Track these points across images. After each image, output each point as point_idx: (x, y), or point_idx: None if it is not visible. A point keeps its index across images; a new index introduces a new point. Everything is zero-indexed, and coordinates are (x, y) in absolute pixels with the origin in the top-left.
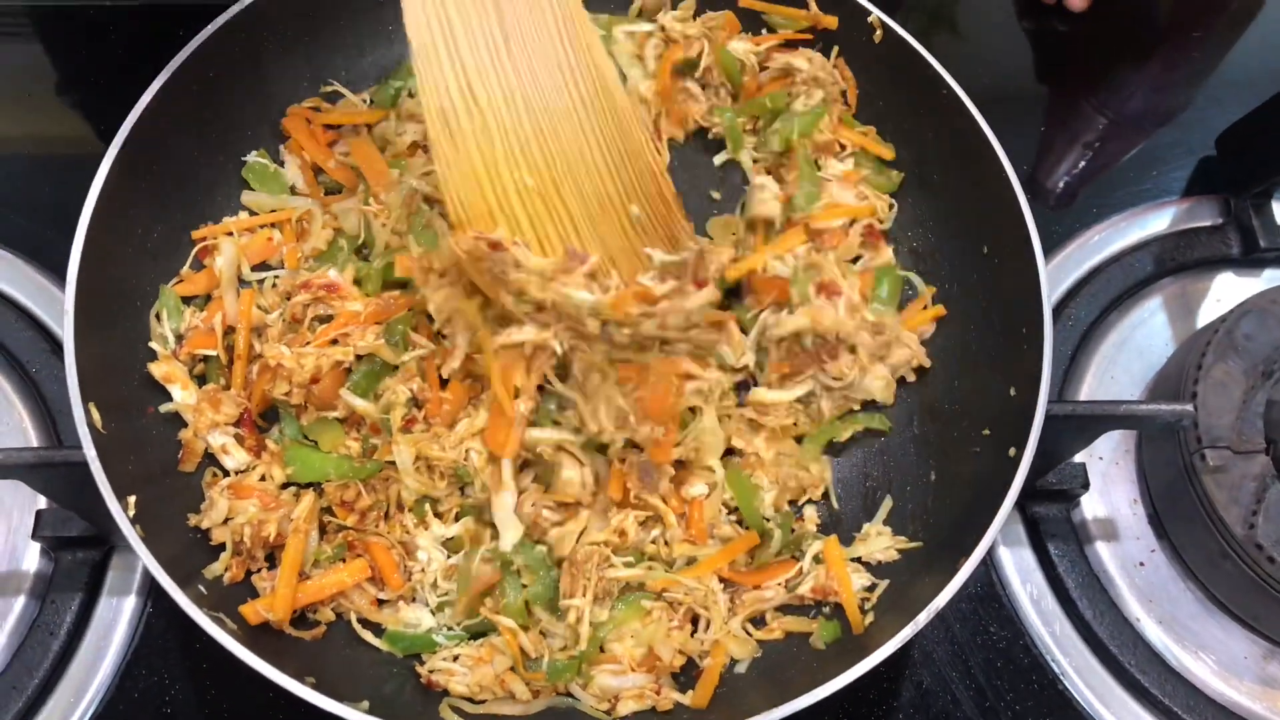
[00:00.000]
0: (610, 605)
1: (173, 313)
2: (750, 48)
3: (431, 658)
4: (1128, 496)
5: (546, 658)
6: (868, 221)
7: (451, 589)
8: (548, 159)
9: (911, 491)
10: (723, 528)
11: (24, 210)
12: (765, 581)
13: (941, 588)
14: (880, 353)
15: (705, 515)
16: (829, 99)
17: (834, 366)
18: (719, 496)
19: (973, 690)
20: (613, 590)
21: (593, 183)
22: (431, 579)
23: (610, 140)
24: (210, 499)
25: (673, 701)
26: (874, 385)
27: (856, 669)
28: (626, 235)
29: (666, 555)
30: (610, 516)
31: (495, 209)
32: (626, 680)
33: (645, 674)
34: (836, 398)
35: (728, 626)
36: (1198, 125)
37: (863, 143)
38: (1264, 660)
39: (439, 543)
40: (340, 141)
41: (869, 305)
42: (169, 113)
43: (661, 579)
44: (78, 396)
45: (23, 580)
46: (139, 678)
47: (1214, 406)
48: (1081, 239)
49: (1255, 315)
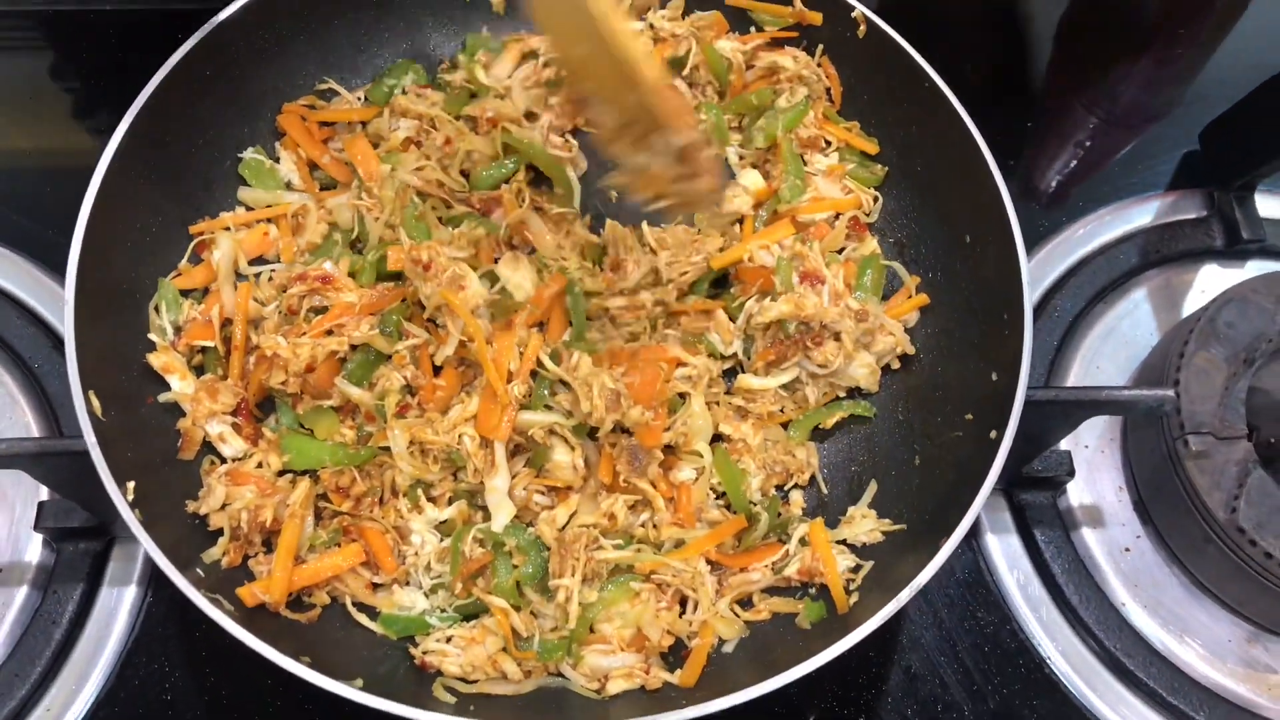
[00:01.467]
0: (599, 587)
1: (171, 305)
2: (737, 46)
3: (425, 639)
4: (1113, 483)
5: (537, 637)
6: (853, 214)
7: (445, 571)
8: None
9: (896, 475)
10: (710, 512)
11: (26, 210)
12: (752, 564)
13: (923, 566)
14: (864, 340)
15: (693, 499)
16: (813, 95)
17: (819, 353)
18: (706, 481)
19: (960, 674)
20: (601, 572)
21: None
22: (425, 562)
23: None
24: (208, 485)
25: (661, 681)
26: (859, 373)
27: (840, 644)
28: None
29: (655, 538)
30: (600, 500)
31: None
32: (616, 660)
33: (634, 654)
34: (822, 385)
35: (715, 608)
36: (1182, 120)
37: (847, 138)
38: (1247, 643)
39: (432, 526)
40: (335, 138)
41: (853, 293)
42: (166, 111)
43: (650, 561)
44: (78, 385)
45: (25, 571)
46: (139, 666)
47: (1196, 393)
48: (1068, 232)
49: (1237, 304)
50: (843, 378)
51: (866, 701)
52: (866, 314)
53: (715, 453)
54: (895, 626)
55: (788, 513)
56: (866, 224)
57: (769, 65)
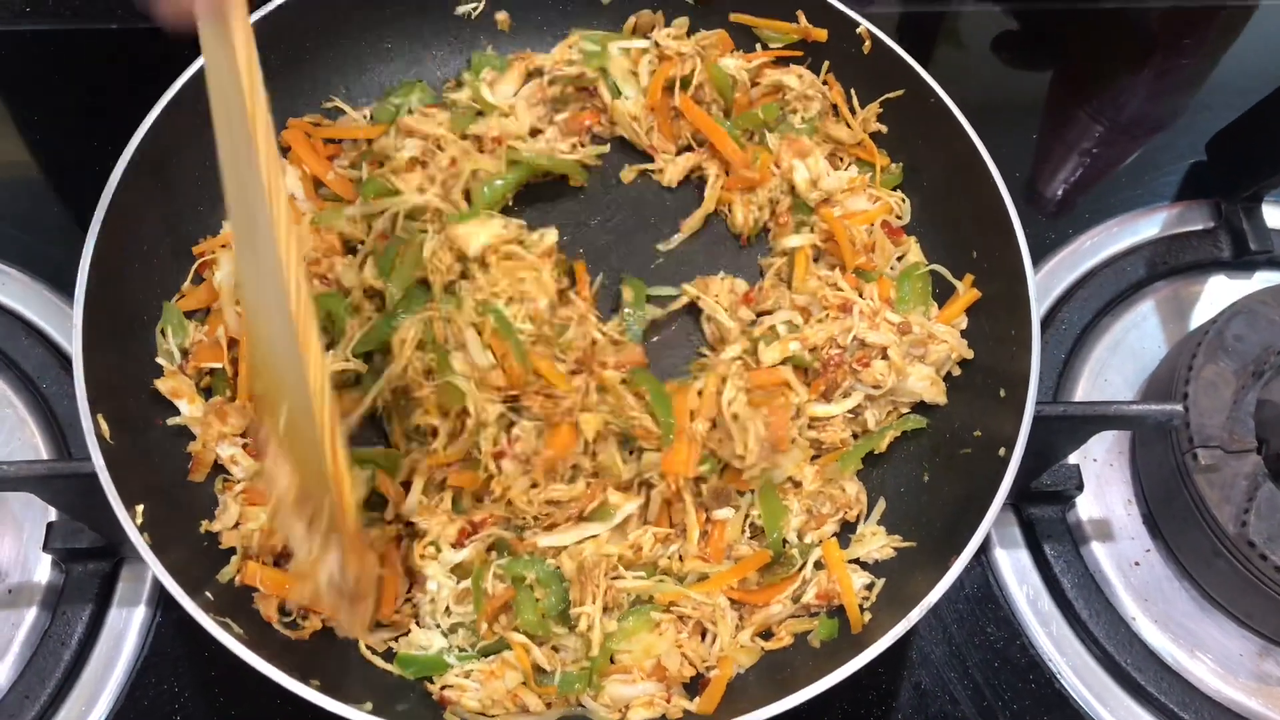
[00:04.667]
0: (619, 617)
1: (177, 329)
2: (742, 64)
3: (443, 675)
4: (1122, 497)
5: (559, 671)
6: (884, 219)
7: (463, 612)
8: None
9: (905, 492)
10: (740, 548)
11: (34, 230)
12: (773, 598)
13: (935, 584)
14: (915, 352)
15: (726, 536)
16: (823, 112)
17: (868, 374)
18: (741, 518)
19: (970, 690)
20: (622, 602)
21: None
22: (443, 606)
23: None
24: (224, 503)
25: (681, 710)
26: (919, 386)
27: (853, 663)
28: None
29: (678, 570)
30: (629, 530)
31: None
32: (636, 689)
33: (655, 682)
34: (883, 405)
35: (736, 640)
36: (1188, 131)
37: (858, 152)
38: (1259, 657)
39: (448, 570)
40: (340, 155)
41: (893, 307)
42: (174, 130)
43: (670, 592)
44: (86, 409)
45: (35, 592)
46: (148, 686)
47: (1205, 406)
48: (1074, 244)
49: (1245, 316)
50: (903, 394)
51: (876, 718)
52: (910, 325)
53: (763, 488)
54: (905, 642)
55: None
56: (901, 227)
57: (775, 83)
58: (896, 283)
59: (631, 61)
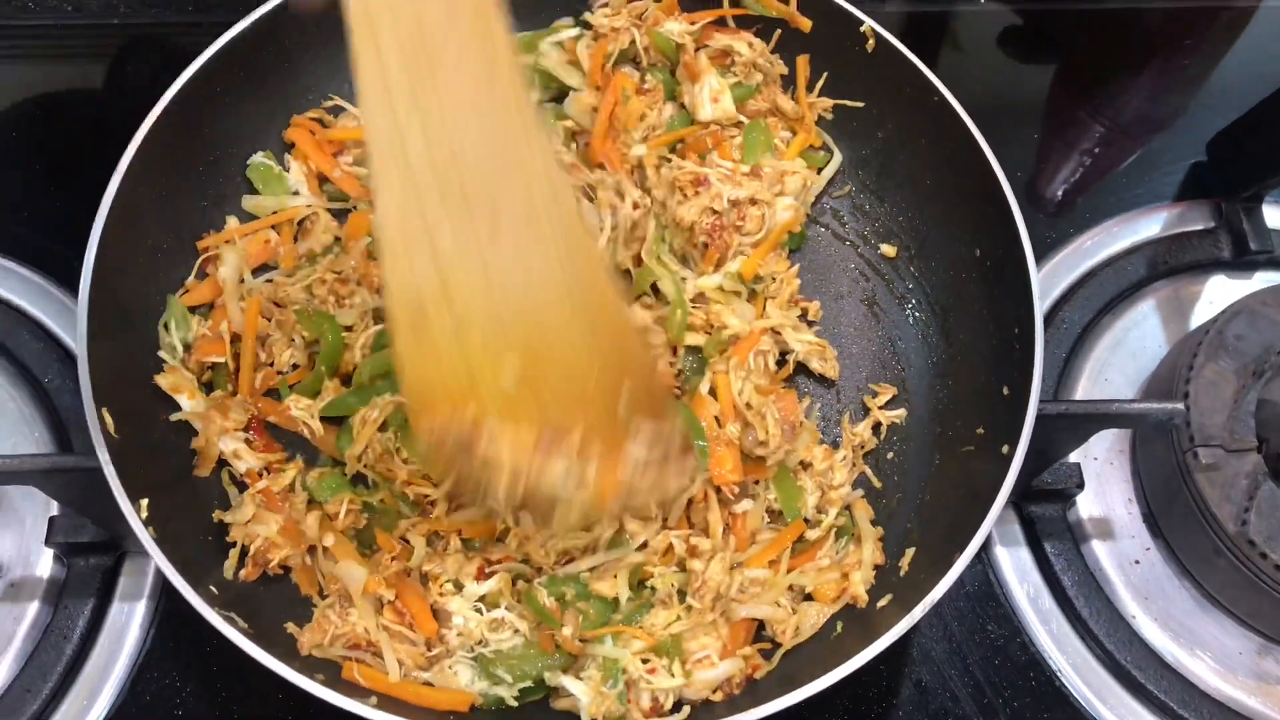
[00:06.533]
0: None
1: (180, 323)
2: (685, 27)
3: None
4: (1123, 495)
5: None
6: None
7: (501, 639)
8: (527, 360)
9: (907, 489)
10: (764, 534)
11: (37, 225)
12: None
13: (938, 581)
14: (774, 189)
15: (749, 525)
16: (769, 79)
17: (750, 224)
18: (761, 506)
19: (971, 687)
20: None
21: (576, 383)
22: (478, 637)
23: (598, 326)
24: (242, 499)
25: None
26: (784, 216)
27: (857, 659)
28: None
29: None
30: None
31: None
32: (719, 670)
33: (732, 660)
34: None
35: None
36: (1189, 131)
37: (795, 125)
38: (1259, 656)
39: (473, 603)
40: (345, 151)
41: (741, 163)
42: (177, 126)
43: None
44: (91, 403)
45: (36, 586)
46: (150, 681)
47: (1206, 405)
48: (1075, 244)
49: (1246, 316)
50: (773, 223)
51: (877, 715)
52: (761, 169)
53: (779, 474)
54: (906, 640)
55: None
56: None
57: (723, 48)
58: (743, 137)
59: (568, 52)
